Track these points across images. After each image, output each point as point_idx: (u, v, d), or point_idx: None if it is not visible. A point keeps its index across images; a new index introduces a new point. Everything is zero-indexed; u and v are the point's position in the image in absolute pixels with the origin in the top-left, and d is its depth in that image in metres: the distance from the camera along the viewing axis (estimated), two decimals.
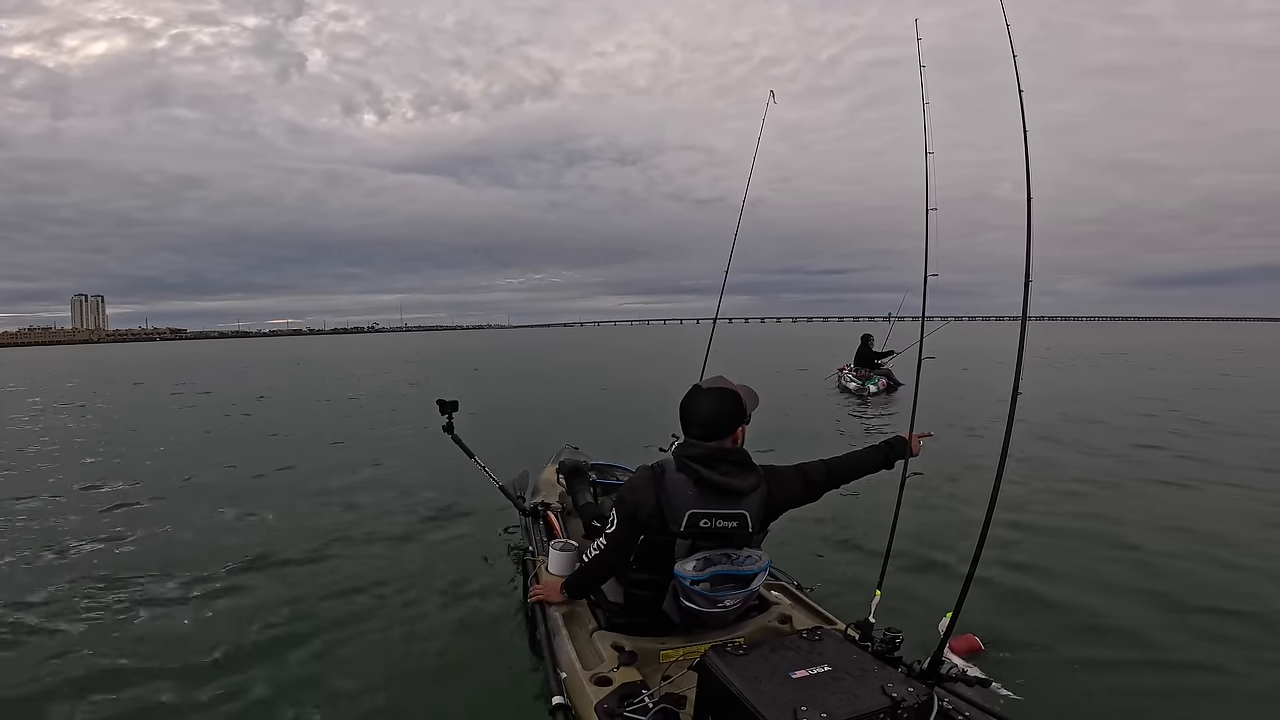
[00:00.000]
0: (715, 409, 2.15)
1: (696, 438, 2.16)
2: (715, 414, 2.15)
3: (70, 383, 21.67)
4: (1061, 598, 3.50)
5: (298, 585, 3.86)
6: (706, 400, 2.17)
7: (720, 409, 2.15)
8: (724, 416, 2.15)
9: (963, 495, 5.36)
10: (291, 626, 3.34)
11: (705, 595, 2.10)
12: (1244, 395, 12.68)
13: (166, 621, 3.43)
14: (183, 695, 2.75)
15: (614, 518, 2.19)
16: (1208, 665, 2.85)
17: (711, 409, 2.15)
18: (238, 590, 3.81)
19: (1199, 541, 4.38)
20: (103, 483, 6.60)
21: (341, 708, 2.66)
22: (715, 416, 2.15)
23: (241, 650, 3.09)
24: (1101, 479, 6.10)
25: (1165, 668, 2.83)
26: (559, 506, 3.66)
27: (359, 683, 2.81)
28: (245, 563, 4.20)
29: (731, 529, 2.10)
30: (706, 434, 2.15)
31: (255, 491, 6.19)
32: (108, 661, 3.01)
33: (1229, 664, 2.85)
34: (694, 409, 2.18)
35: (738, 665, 1.76)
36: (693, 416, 2.17)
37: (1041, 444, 7.59)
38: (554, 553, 2.72)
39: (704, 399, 2.18)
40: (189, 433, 9.91)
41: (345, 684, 2.81)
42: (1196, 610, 3.36)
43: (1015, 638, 2.99)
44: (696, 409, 2.17)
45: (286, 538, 4.72)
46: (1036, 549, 4.23)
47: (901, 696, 1.65)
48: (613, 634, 2.22)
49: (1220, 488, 5.79)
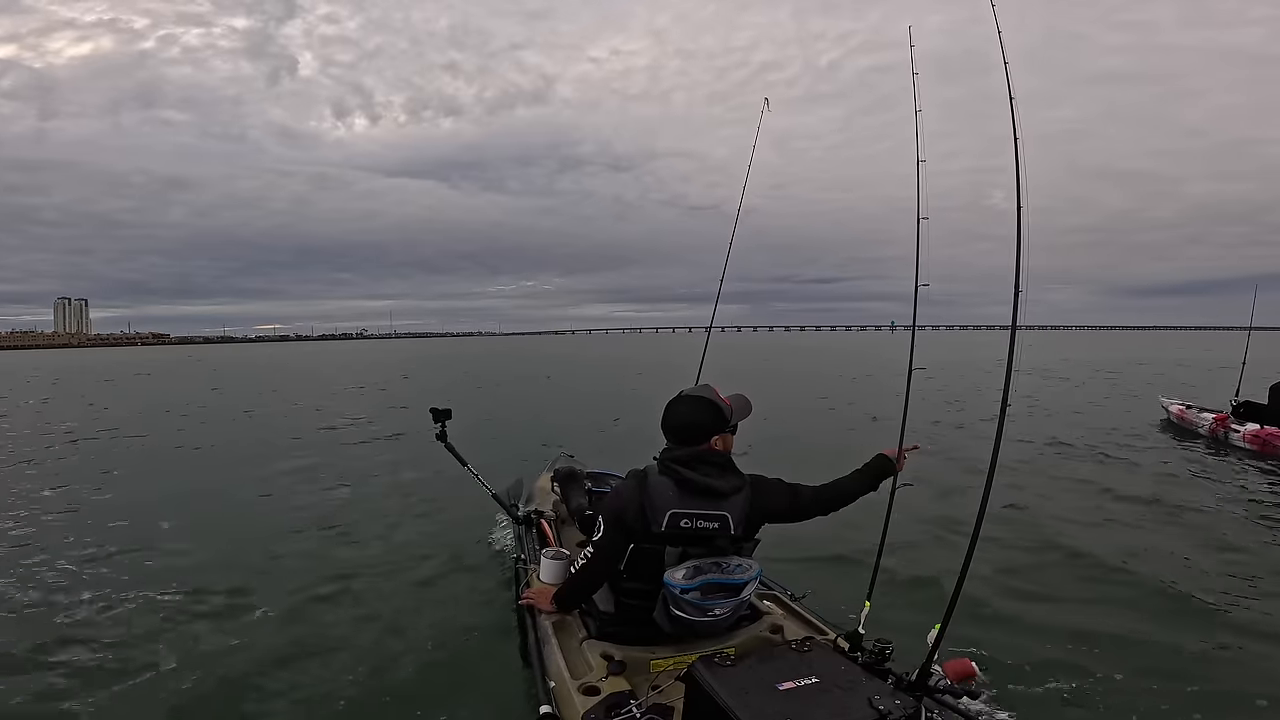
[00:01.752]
0: (689, 415, 2.19)
1: (673, 443, 2.21)
2: (688, 420, 2.19)
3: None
4: (1054, 612, 3.50)
5: (287, 593, 3.82)
6: (682, 406, 2.22)
7: (693, 416, 2.19)
8: (696, 424, 2.18)
9: (953, 506, 5.37)
10: (280, 633, 3.31)
11: (695, 604, 2.09)
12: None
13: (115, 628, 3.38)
14: (180, 697, 2.75)
15: (600, 525, 2.19)
16: (1220, 689, 2.77)
17: (685, 415, 2.20)
18: (229, 601, 3.74)
19: (1203, 552, 4.37)
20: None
21: (330, 713, 2.64)
22: (687, 422, 2.19)
23: (235, 656, 3.07)
24: (1098, 492, 6.12)
25: (1170, 692, 2.75)
26: (553, 515, 3.64)
27: (347, 688, 2.80)
28: (242, 572, 4.15)
29: (713, 530, 2.11)
30: (679, 439, 2.19)
31: (240, 503, 6.11)
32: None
33: (1242, 685, 2.79)
34: (670, 414, 2.23)
35: (725, 676, 1.74)
36: (668, 420, 2.23)
37: (1035, 453, 7.62)
38: (546, 561, 2.71)
39: (680, 405, 2.22)
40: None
41: (333, 689, 2.79)
42: (1194, 624, 3.34)
43: (1004, 652, 2.98)
44: (672, 414, 2.22)
45: (275, 548, 4.66)
46: (1028, 560, 4.24)
47: (888, 709, 1.64)
48: (602, 643, 2.20)
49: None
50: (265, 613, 3.54)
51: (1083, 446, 8.35)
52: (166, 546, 4.67)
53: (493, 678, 2.82)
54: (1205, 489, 6.31)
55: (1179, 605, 3.60)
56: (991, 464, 1.89)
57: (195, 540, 4.78)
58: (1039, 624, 3.34)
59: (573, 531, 3.51)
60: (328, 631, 3.34)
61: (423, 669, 2.96)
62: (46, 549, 4.57)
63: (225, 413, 13.68)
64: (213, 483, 6.90)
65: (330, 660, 3.03)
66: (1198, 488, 6.36)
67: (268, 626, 3.41)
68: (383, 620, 3.45)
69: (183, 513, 5.51)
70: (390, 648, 3.14)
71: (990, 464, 1.89)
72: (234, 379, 24.98)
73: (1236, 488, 6.36)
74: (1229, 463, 7.46)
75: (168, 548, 4.64)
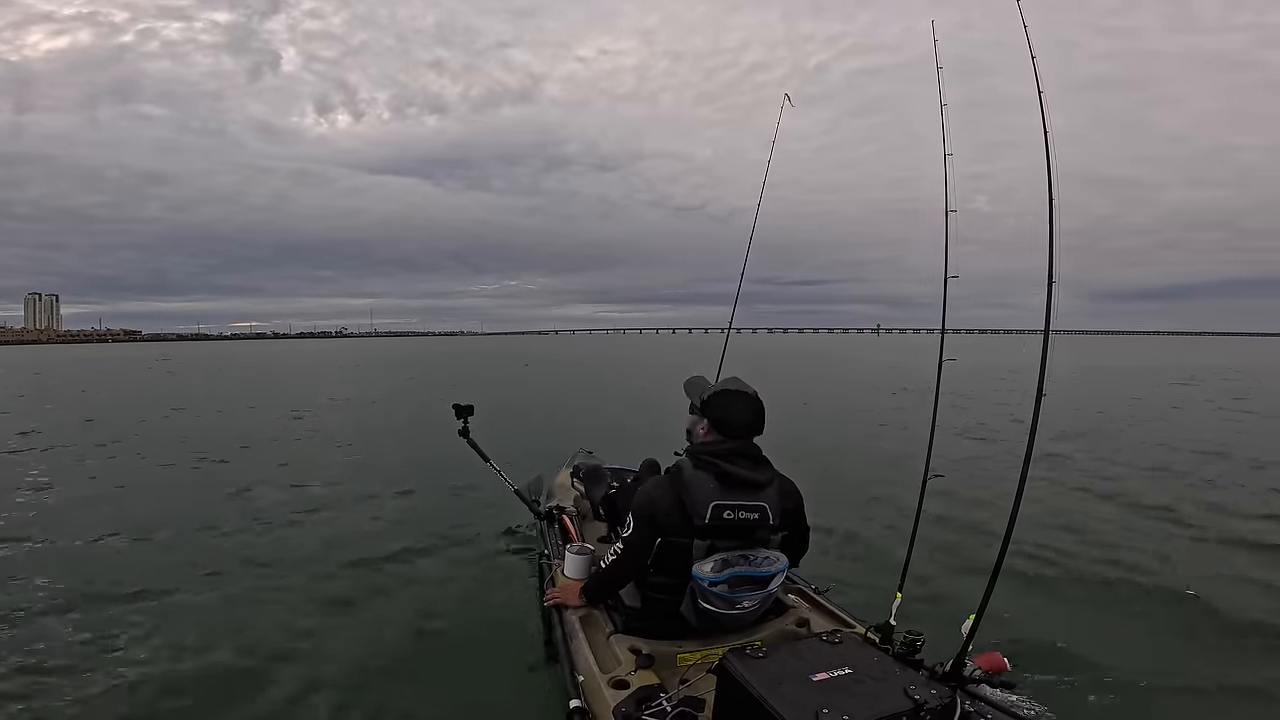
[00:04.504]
0: (744, 414, 2.20)
1: (732, 435, 2.19)
2: (747, 419, 2.20)
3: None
4: (1092, 604, 3.52)
5: (310, 592, 3.78)
6: (739, 403, 2.22)
7: (748, 415, 2.21)
8: (750, 424, 2.20)
9: (986, 497, 5.35)
10: (307, 630, 3.28)
11: (723, 597, 2.08)
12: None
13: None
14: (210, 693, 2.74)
15: (630, 522, 2.18)
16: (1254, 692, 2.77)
17: (742, 413, 2.20)
18: (253, 595, 3.72)
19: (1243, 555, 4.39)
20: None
21: (359, 708, 2.63)
22: (747, 420, 2.20)
23: (260, 651, 3.06)
24: (1134, 487, 6.19)
25: (1202, 691, 2.76)
26: (574, 510, 3.63)
27: (376, 683, 2.79)
28: (263, 569, 4.10)
29: (754, 520, 2.10)
30: (729, 433, 2.19)
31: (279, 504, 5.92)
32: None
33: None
34: (723, 409, 2.21)
35: (757, 667, 1.73)
36: (730, 418, 2.20)
37: (1068, 447, 7.65)
38: (570, 556, 2.69)
39: (737, 402, 2.22)
40: None
41: (363, 684, 2.79)
42: (1232, 627, 3.33)
43: (1040, 647, 2.98)
44: (727, 409, 2.21)
45: (297, 544, 4.60)
46: (1066, 549, 4.26)
47: (924, 699, 1.63)
48: (630, 637, 2.19)
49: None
50: (283, 613, 3.50)
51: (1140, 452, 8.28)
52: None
53: (520, 673, 2.81)
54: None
55: (1219, 619, 3.52)
56: (1027, 455, 1.90)
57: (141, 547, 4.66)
58: (1072, 619, 3.36)
59: (593, 527, 3.51)
60: (353, 628, 3.31)
61: (450, 665, 2.95)
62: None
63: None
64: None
65: (355, 657, 3.01)
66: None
67: (291, 624, 3.37)
68: (407, 617, 3.42)
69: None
70: (417, 644, 3.14)
71: (1025, 455, 1.90)
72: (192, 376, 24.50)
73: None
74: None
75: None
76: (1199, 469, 7.21)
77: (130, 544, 4.57)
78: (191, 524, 4.99)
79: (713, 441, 2.19)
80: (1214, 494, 6.11)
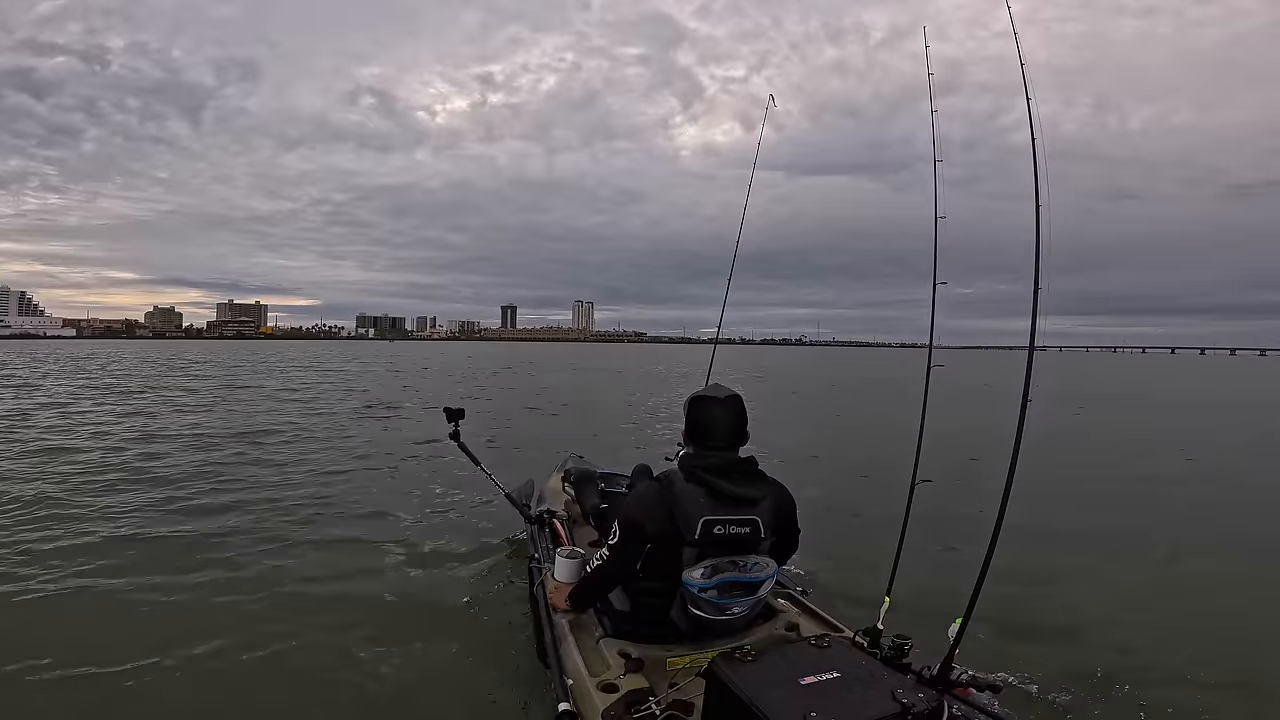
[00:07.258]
0: (726, 420, 2.14)
1: (715, 449, 2.14)
2: (730, 425, 2.14)
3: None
4: (1079, 609, 3.52)
5: (299, 593, 3.75)
6: (718, 410, 2.15)
7: (731, 420, 2.15)
8: (734, 429, 2.15)
9: (973, 501, 5.39)
10: (296, 633, 3.25)
11: (713, 603, 2.09)
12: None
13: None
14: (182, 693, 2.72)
15: (616, 530, 2.16)
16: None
17: (723, 419, 2.14)
18: (243, 594, 3.69)
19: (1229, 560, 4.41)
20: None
21: (347, 712, 2.62)
22: (735, 425, 2.15)
23: (254, 650, 3.04)
24: (1124, 493, 6.22)
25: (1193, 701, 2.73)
26: (564, 514, 3.64)
27: (364, 687, 2.78)
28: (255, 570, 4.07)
29: (745, 535, 2.09)
30: (729, 444, 2.14)
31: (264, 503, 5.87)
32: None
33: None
34: (711, 420, 2.15)
35: (746, 672, 1.74)
36: (711, 428, 2.14)
37: (1054, 453, 7.66)
38: (560, 560, 2.70)
39: (716, 409, 2.16)
40: None
41: (350, 687, 2.77)
42: (1228, 645, 3.28)
43: (1028, 650, 2.99)
44: (713, 421, 2.15)
45: (289, 546, 4.57)
46: (1051, 556, 4.27)
47: (911, 702, 1.64)
48: (619, 641, 2.19)
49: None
50: (269, 616, 3.46)
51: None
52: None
53: (509, 676, 2.80)
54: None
55: (1217, 619, 3.55)
56: (1013, 458, 1.91)
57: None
58: (1060, 623, 3.37)
59: (584, 532, 3.51)
60: (341, 630, 3.28)
61: (439, 668, 2.93)
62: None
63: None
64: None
65: (344, 657, 3.00)
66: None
67: (278, 626, 3.33)
68: (395, 620, 3.41)
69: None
70: (405, 647, 3.11)
71: (1011, 458, 1.91)
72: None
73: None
74: None
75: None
76: (1192, 474, 7.25)
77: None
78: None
79: (703, 455, 2.13)
80: (1209, 497, 6.13)
